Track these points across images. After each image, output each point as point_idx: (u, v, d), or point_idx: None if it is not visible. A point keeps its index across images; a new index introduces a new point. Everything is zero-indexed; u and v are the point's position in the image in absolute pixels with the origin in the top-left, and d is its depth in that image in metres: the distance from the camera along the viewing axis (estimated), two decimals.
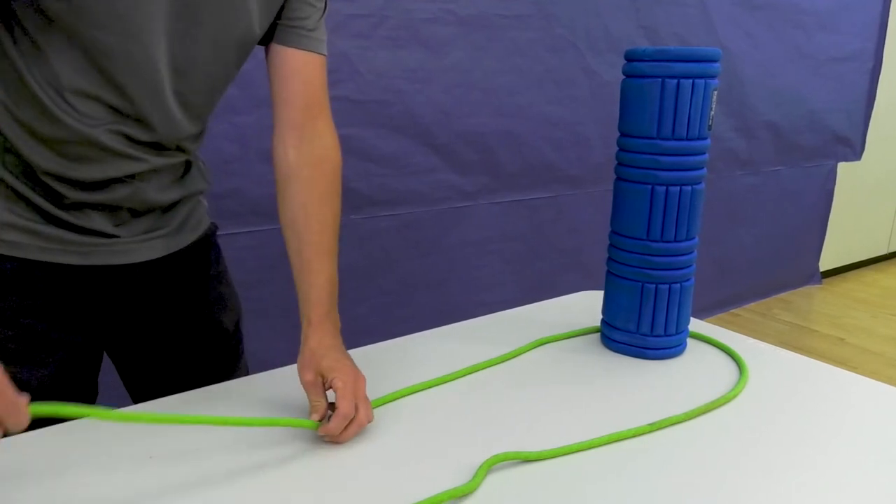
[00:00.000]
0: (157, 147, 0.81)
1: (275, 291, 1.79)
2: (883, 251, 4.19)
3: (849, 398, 0.88)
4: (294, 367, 0.92)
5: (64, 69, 0.71)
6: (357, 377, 0.77)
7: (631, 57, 0.92)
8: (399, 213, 1.99)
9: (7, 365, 0.71)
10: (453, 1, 1.92)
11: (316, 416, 0.74)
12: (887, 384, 0.91)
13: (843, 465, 0.73)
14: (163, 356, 0.95)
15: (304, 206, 0.84)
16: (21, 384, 0.73)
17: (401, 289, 2.05)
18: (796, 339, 2.98)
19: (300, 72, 0.83)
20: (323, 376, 0.76)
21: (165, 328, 0.94)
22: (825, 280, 3.76)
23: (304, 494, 0.66)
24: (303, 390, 0.78)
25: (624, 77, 0.94)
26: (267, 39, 0.84)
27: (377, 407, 0.81)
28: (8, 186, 0.77)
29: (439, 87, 1.96)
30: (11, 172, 0.76)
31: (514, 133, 2.16)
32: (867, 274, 3.96)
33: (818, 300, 3.50)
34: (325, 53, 0.86)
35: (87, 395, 0.90)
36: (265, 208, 1.74)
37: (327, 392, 0.77)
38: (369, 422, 0.76)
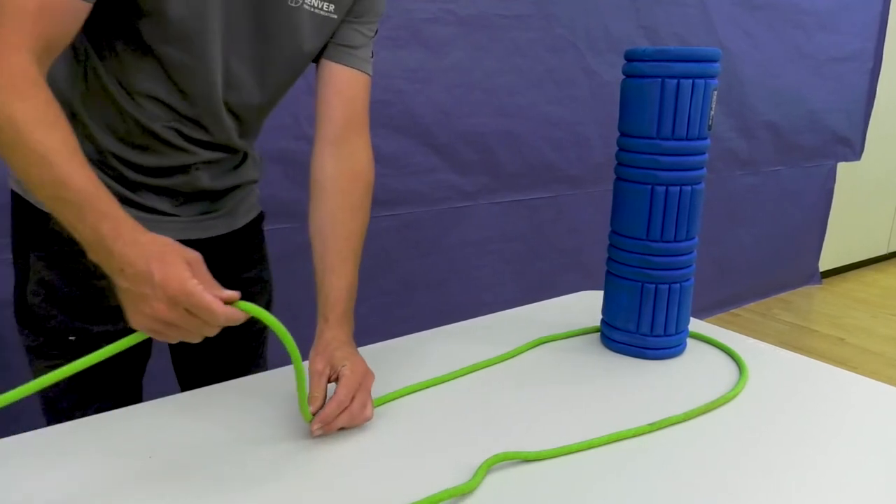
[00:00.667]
0: (209, 145, 0.90)
1: (276, 291, 1.79)
2: (883, 251, 4.19)
3: (849, 398, 0.88)
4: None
5: (136, 75, 0.82)
6: (367, 372, 0.79)
7: (631, 57, 0.93)
8: (399, 213, 1.99)
9: (82, 323, 0.87)
10: (453, 1, 1.92)
11: (312, 408, 0.75)
12: (887, 384, 0.91)
13: (842, 465, 0.73)
14: None
15: (333, 215, 0.88)
16: (94, 339, 0.86)
17: (401, 289, 2.05)
18: (796, 339, 2.98)
19: (344, 90, 0.90)
20: (333, 367, 0.78)
21: None
22: (825, 280, 3.76)
23: (303, 492, 0.66)
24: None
25: (624, 77, 0.94)
26: (318, 57, 0.91)
27: (378, 406, 0.81)
28: None
29: (439, 87, 1.96)
30: (90, 158, 0.83)
31: (514, 133, 2.16)
32: (867, 274, 3.96)
33: (818, 300, 3.50)
34: (370, 74, 0.92)
35: (146, 353, 0.98)
36: (266, 208, 1.73)
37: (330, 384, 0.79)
38: (367, 419, 0.77)
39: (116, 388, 0.93)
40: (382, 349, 0.99)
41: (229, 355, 1.06)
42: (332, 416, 0.74)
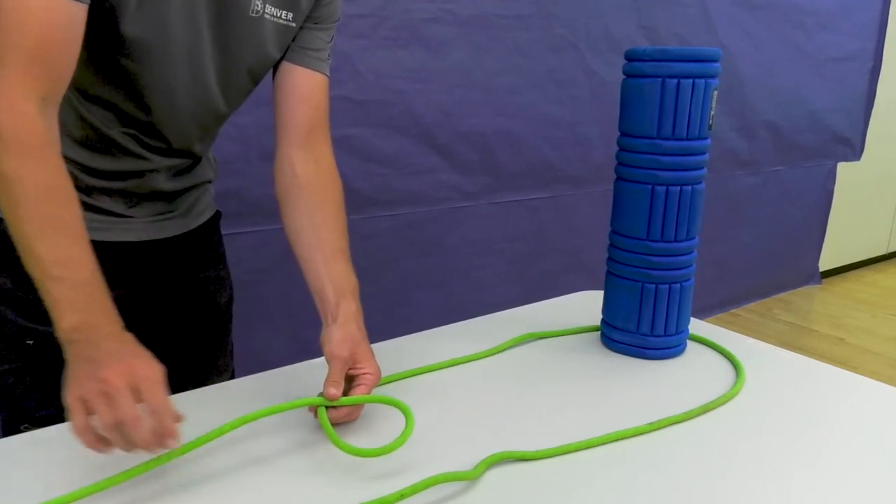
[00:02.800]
0: (167, 151, 0.90)
1: (275, 291, 1.79)
2: (883, 251, 4.19)
3: (848, 398, 0.88)
4: (294, 367, 0.93)
5: (95, 83, 0.81)
6: (378, 373, 0.80)
7: (631, 57, 0.93)
8: (400, 213, 1.99)
9: (36, 324, 0.86)
10: (453, 1, 1.92)
11: (336, 393, 0.74)
12: (887, 384, 0.91)
13: (842, 465, 0.73)
14: (165, 328, 1.01)
15: (321, 210, 0.87)
16: (49, 339, 0.82)
17: (401, 289, 2.05)
18: (796, 340, 2.99)
19: (307, 94, 0.89)
20: (353, 360, 0.78)
21: (170, 302, 1.02)
22: (825, 280, 3.76)
23: (302, 492, 0.66)
24: (303, 389, 0.79)
25: (624, 77, 0.94)
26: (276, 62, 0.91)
27: (375, 403, 0.82)
28: None
29: (440, 87, 1.96)
30: None
31: (514, 133, 2.16)
32: (867, 274, 3.96)
33: (818, 300, 3.50)
34: (329, 75, 0.92)
35: None
36: (266, 208, 1.74)
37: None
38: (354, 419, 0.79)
39: None
40: (383, 349, 0.99)
41: (190, 360, 1.04)
42: (348, 418, 0.77)
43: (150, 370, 0.62)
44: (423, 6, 1.88)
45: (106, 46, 0.77)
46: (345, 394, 0.76)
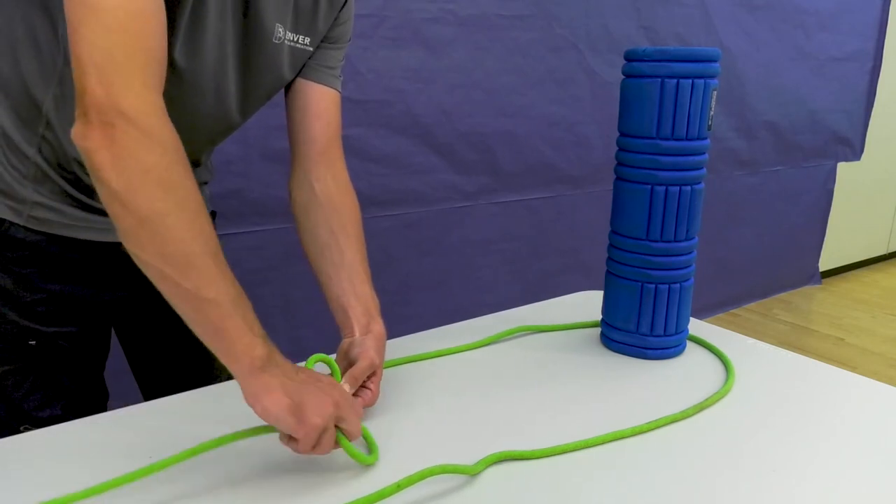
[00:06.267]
0: None
1: (275, 291, 1.79)
2: (882, 251, 4.19)
3: (848, 398, 0.88)
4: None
5: None
6: (374, 401, 0.82)
7: (631, 57, 0.93)
8: (399, 213, 1.99)
9: (38, 325, 0.86)
10: (453, 1, 1.93)
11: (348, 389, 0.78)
12: (887, 384, 0.91)
13: (842, 464, 0.73)
14: (166, 329, 1.01)
15: (334, 233, 0.89)
16: (50, 340, 0.87)
17: (401, 289, 2.05)
18: (796, 340, 2.99)
19: (322, 111, 0.91)
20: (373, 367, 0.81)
21: (167, 304, 0.99)
22: (825, 280, 3.76)
23: (301, 491, 0.66)
24: None
25: (624, 77, 0.94)
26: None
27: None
28: (39, 170, 0.83)
29: (440, 87, 1.96)
30: (46, 159, 0.83)
31: (514, 133, 2.16)
32: (867, 274, 3.96)
33: (818, 300, 3.50)
34: (341, 91, 0.94)
35: (104, 350, 0.98)
36: (267, 208, 1.74)
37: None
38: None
39: (79, 386, 0.93)
40: None
41: (188, 359, 1.05)
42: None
43: (351, 398, 0.70)
44: (423, 6, 1.88)
45: None
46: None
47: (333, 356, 0.84)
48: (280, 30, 0.83)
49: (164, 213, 0.61)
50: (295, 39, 0.86)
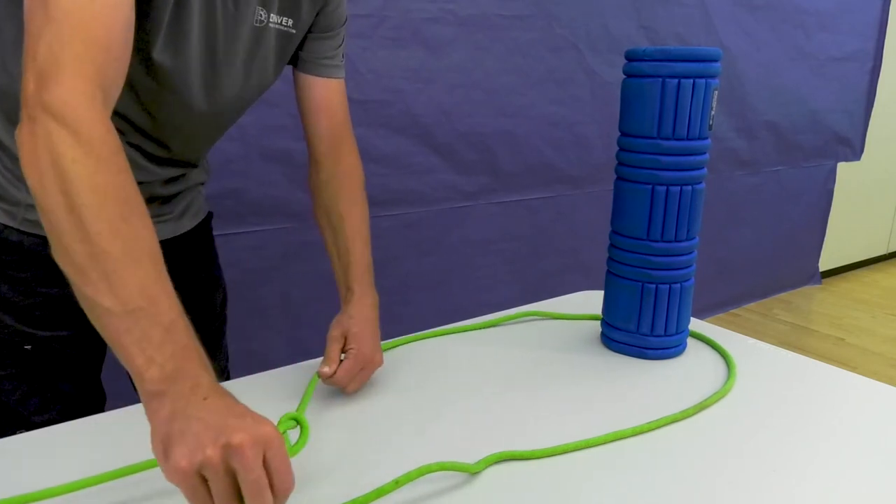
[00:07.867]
0: (168, 161, 0.90)
1: (275, 291, 1.79)
2: (882, 251, 4.19)
3: (847, 398, 0.88)
4: (295, 366, 0.93)
5: None
6: (370, 358, 0.84)
7: (631, 57, 0.92)
8: (399, 213, 1.99)
9: (34, 329, 0.86)
10: (453, 1, 1.92)
11: (328, 369, 0.80)
12: (887, 384, 0.91)
13: (841, 464, 0.72)
14: None
15: (336, 205, 0.94)
16: (45, 344, 0.87)
17: (401, 289, 2.05)
18: (796, 340, 2.98)
19: (324, 104, 0.95)
20: (347, 339, 0.84)
21: None
22: (825, 280, 3.76)
23: (300, 490, 0.66)
24: (300, 389, 0.82)
25: (624, 77, 0.94)
26: (293, 61, 0.94)
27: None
28: None
29: (440, 87, 1.96)
30: None
31: (514, 133, 2.16)
32: (867, 274, 3.96)
33: (818, 300, 3.50)
34: (344, 77, 0.97)
35: (100, 353, 0.97)
36: (266, 208, 1.74)
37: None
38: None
39: (75, 390, 0.92)
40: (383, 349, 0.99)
41: None
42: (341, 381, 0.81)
43: (275, 433, 0.53)
44: (423, 6, 1.87)
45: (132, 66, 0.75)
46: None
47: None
48: (262, 13, 0.83)
49: (73, 209, 0.54)
50: (279, 21, 0.86)
